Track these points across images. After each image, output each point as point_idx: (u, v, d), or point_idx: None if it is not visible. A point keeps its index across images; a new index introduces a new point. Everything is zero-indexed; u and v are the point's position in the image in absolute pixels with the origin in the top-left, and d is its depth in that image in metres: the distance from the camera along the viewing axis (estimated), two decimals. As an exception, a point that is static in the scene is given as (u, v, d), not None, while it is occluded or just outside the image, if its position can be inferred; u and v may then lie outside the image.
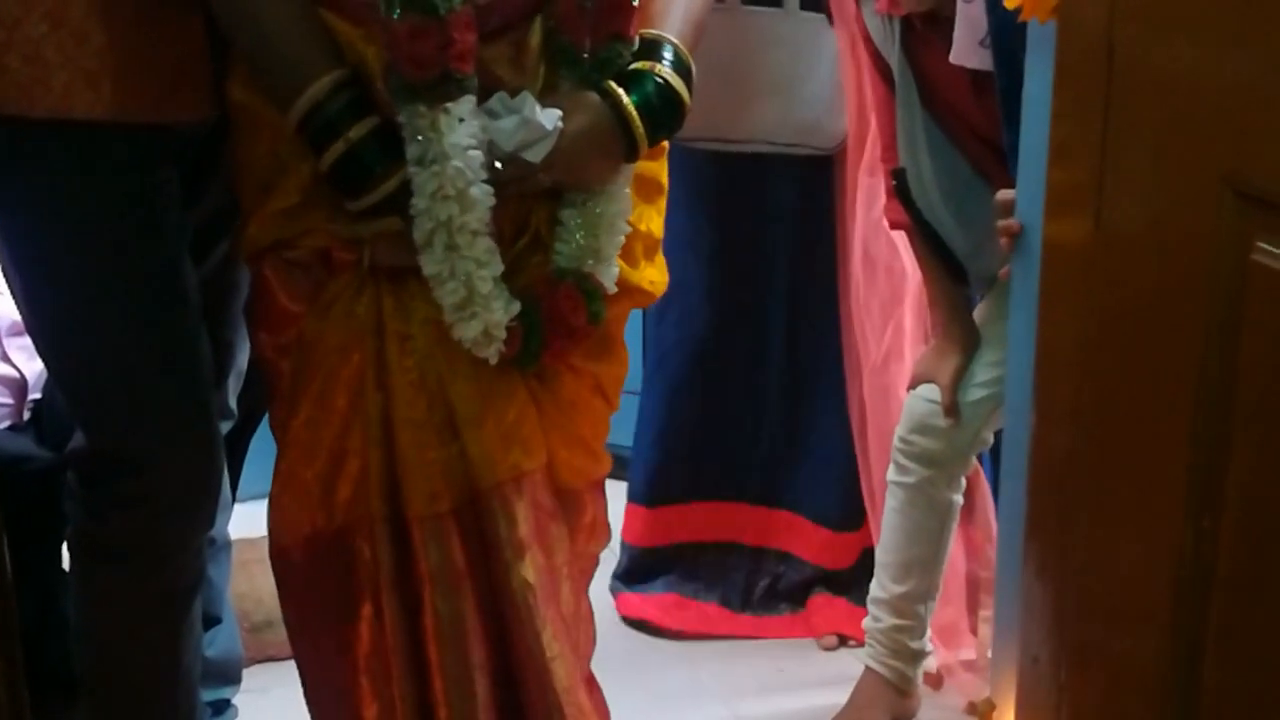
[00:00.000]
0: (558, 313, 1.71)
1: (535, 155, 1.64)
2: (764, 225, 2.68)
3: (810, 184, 2.66)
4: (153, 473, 1.75)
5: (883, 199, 2.47)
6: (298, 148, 1.65)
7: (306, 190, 1.68)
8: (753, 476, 2.79)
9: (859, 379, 2.63)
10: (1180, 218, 1.25)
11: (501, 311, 1.67)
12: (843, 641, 2.71)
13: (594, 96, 1.68)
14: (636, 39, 1.72)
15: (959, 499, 2.39)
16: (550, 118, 1.63)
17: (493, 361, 1.69)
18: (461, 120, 1.59)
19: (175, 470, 1.76)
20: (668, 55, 1.72)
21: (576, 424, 1.82)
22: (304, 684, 1.85)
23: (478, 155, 1.61)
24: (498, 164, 1.63)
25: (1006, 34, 1.98)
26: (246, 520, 2.20)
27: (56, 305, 1.71)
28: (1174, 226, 1.27)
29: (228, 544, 2.14)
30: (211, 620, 2.09)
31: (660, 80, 1.70)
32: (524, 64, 1.70)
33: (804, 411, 2.74)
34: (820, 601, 2.75)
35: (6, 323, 2.19)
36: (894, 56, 2.26)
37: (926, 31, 2.19)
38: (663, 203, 1.87)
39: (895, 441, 2.37)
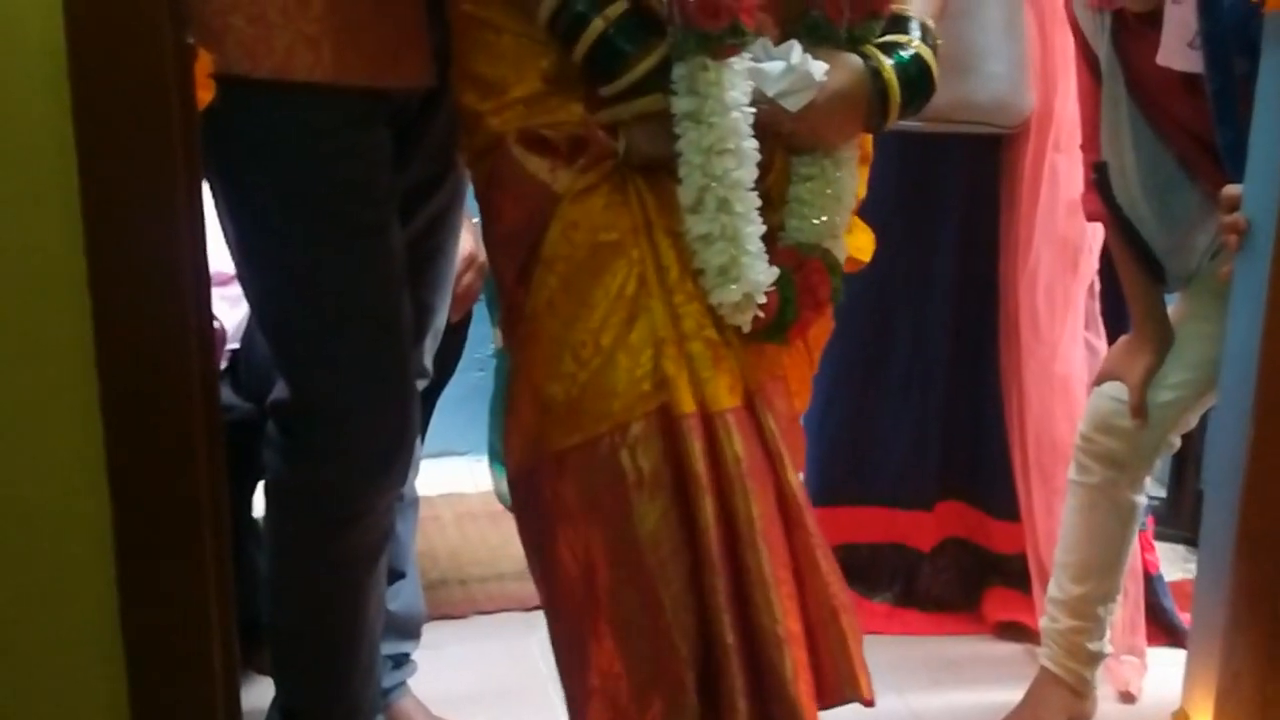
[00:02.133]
0: (808, 285, 1.71)
1: (795, 104, 1.64)
2: (931, 209, 2.62)
3: (979, 165, 2.59)
4: (350, 426, 1.79)
5: (1069, 176, 2.41)
6: (535, 46, 1.66)
7: (550, 79, 1.67)
8: (918, 478, 2.74)
9: (1017, 363, 2.56)
10: None
11: (764, 274, 1.66)
12: (1017, 633, 2.67)
13: (856, 58, 1.70)
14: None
15: (1143, 500, 2.32)
16: (819, 69, 1.64)
17: (746, 329, 1.68)
18: (742, 73, 1.61)
19: (372, 425, 1.79)
20: (916, 31, 1.75)
21: (778, 362, 1.80)
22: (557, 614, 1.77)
23: (751, 112, 1.62)
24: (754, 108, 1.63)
25: (1218, 35, 1.92)
26: (424, 477, 2.24)
27: (269, 258, 1.75)
28: None
29: (415, 501, 2.18)
30: (396, 575, 2.12)
31: (915, 52, 1.73)
32: (769, 26, 1.69)
33: (968, 402, 2.69)
34: (993, 594, 2.71)
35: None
36: (1103, 49, 2.19)
37: (1139, 27, 2.13)
38: (867, 170, 1.86)
39: (1077, 439, 2.31)
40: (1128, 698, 2.49)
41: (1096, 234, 2.50)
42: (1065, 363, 2.52)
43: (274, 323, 1.82)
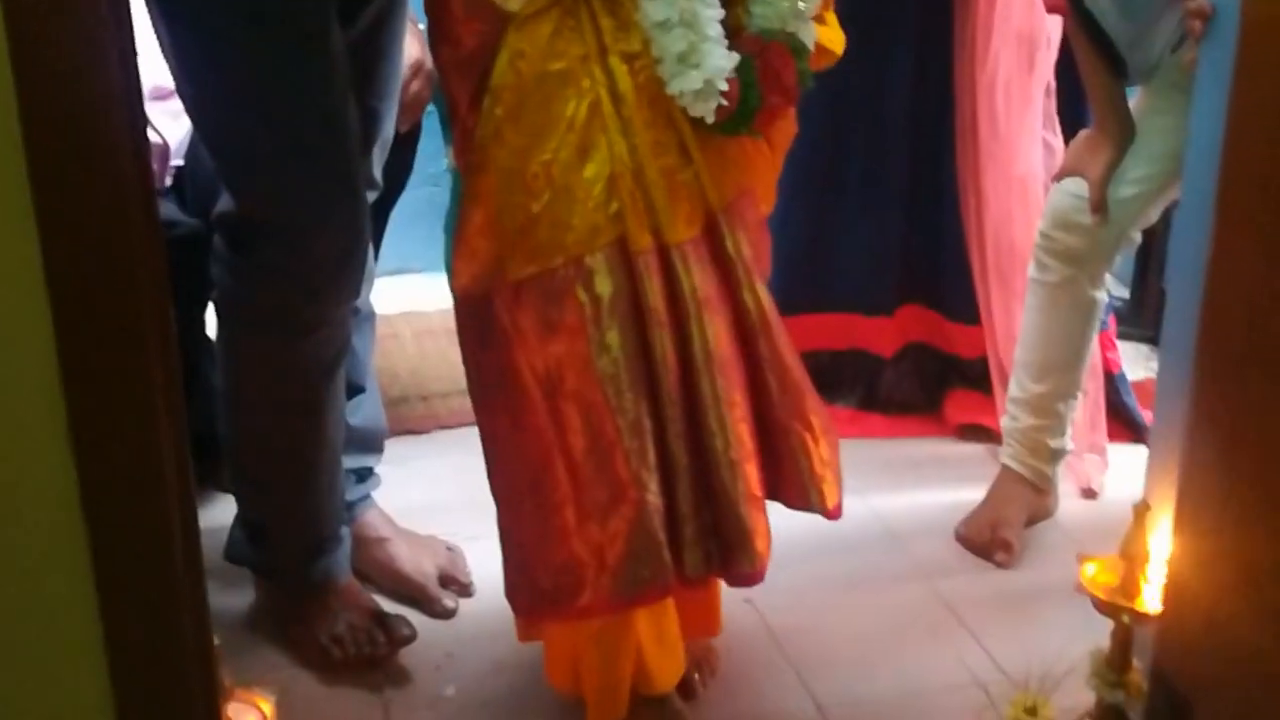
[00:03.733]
0: (771, 69, 1.67)
1: None
2: (885, 9, 2.55)
3: None
4: (299, 241, 1.76)
5: None
6: None
7: None
8: (878, 284, 2.73)
9: (975, 165, 2.53)
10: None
11: (725, 59, 1.63)
12: (978, 434, 2.70)
13: None
14: None
15: (1103, 296, 2.32)
16: None
17: (710, 119, 1.65)
18: None
19: (322, 239, 1.77)
20: None
21: (747, 173, 1.79)
22: (495, 439, 1.78)
23: None
24: None
25: None
26: (381, 296, 2.22)
27: (206, 67, 1.71)
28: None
29: (371, 314, 2.16)
30: (355, 389, 2.12)
31: None
32: None
33: (927, 206, 2.67)
34: (954, 397, 2.73)
35: (148, 87, 2.18)
36: None
37: None
38: None
39: (1037, 237, 2.30)
40: (1089, 494, 2.53)
41: (1054, 29, 2.45)
42: (1024, 163, 2.50)
43: (214, 133, 1.78)
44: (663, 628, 1.83)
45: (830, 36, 1.80)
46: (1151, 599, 1.80)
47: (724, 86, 1.63)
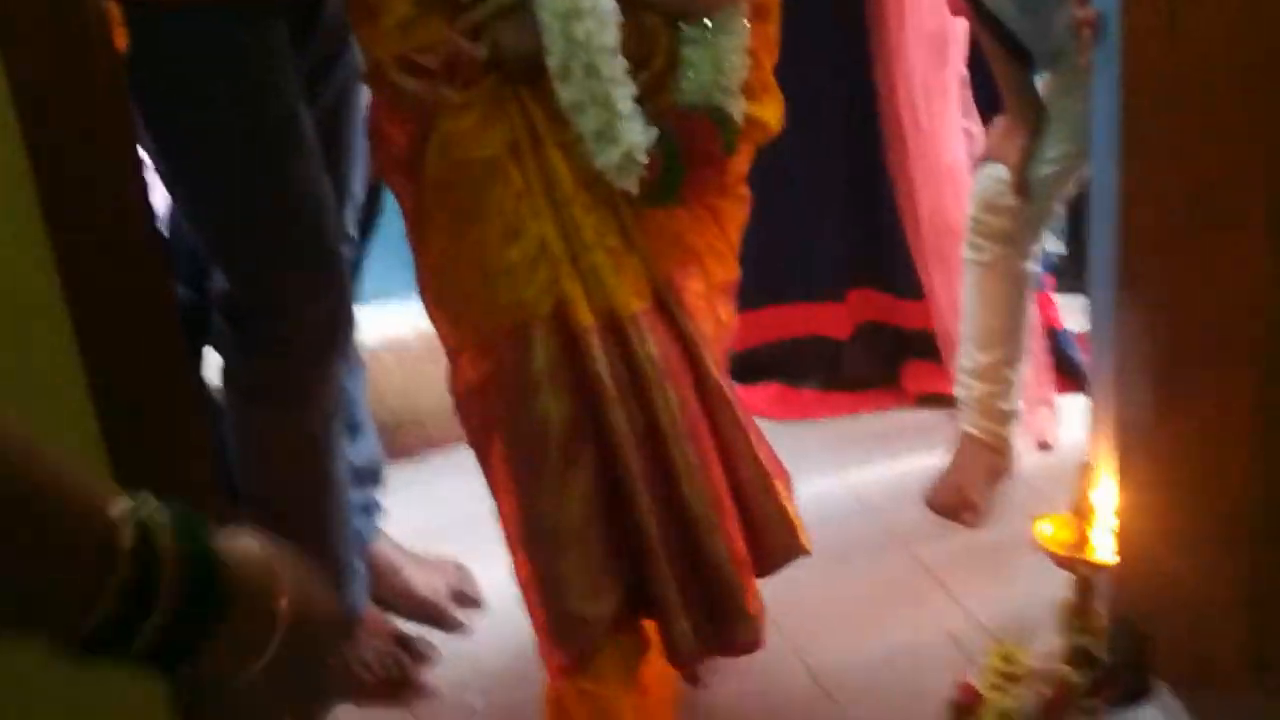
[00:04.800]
0: (694, 140, 1.71)
1: None
2: (807, 26, 2.61)
3: None
4: (293, 314, 1.89)
5: None
6: None
7: (418, 2, 1.68)
8: (828, 273, 2.87)
9: (904, 156, 2.67)
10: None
11: (641, 134, 1.67)
12: (937, 401, 2.84)
13: None
14: None
15: (1035, 267, 2.48)
16: None
17: (634, 190, 1.69)
18: None
19: (314, 309, 1.90)
20: None
21: (690, 247, 1.82)
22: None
23: None
24: None
25: None
26: (361, 323, 2.32)
27: (187, 163, 1.82)
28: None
29: (361, 358, 2.28)
30: (353, 429, 2.24)
31: None
32: None
33: (866, 198, 2.80)
34: (911, 368, 2.88)
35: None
36: None
37: None
38: (775, 30, 1.86)
39: (968, 221, 2.45)
40: (1045, 446, 2.69)
41: (962, 26, 2.60)
42: (948, 151, 2.65)
43: (199, 223, 1.90)
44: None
45: (764, 112, 1.86)
46: (1104, 551, 1.95)
47: (643, 159, 1.68)
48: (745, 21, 1.78)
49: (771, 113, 1.87)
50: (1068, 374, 2.81)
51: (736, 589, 1.80)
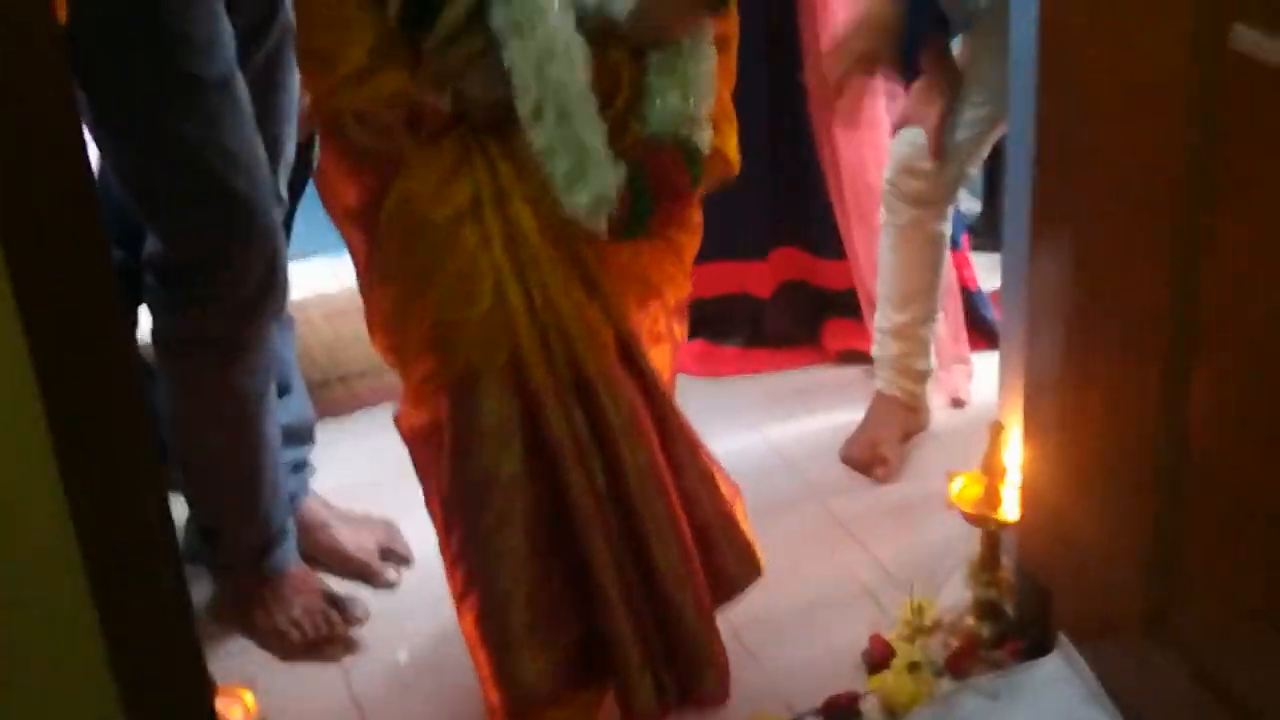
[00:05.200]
0: (662, 175, 1.69)
1: (620, 9, 1.60)
2: None
3: None
4: (225, 272, 1.92)
5: None
6: (364, 16, 1.63)
7: (376, 51, 1.64)
8: (752, 232, 2.89)
9: (827, 121, 2.70)
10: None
11: (612, 175, 1.65)
12: (855, 358, 2.88)
13: None
14: None
15: (948, 228, 2.54)
16: None
17: (601, 231, 1.67)
18: None
19: (245, 269, 1.93)
20: None
21: (652, 283, 1.81)
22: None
23: (572, 15, 1.58)
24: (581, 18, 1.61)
25: None
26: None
27: (123, 126, 1.85)
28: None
29: (291, 319, 2.30)
30: (283, 388, 2.27)
31: None
32: None
33: (789, 160, 2.82)
34: (831, 326, 2.93)
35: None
36: None
37: None
38: (732, 61, 1.85)
39: (884, 185, 2.50)
40: (958, 404, 2.76)
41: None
42: (869, 115, 2.68)
43: (135, 185, 1.92)
44: None
45: (727, 145, 1.84)
46: (1010, 508, 2.03)
47: (614, 201, 1.65)
48: (713, 48, 1.75)
49: (731, 146, 1.85)
50: (982, 332, 2.87)
51: (704, 639, 1.84)
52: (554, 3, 1.57)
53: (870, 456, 2.58)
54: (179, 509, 2.23)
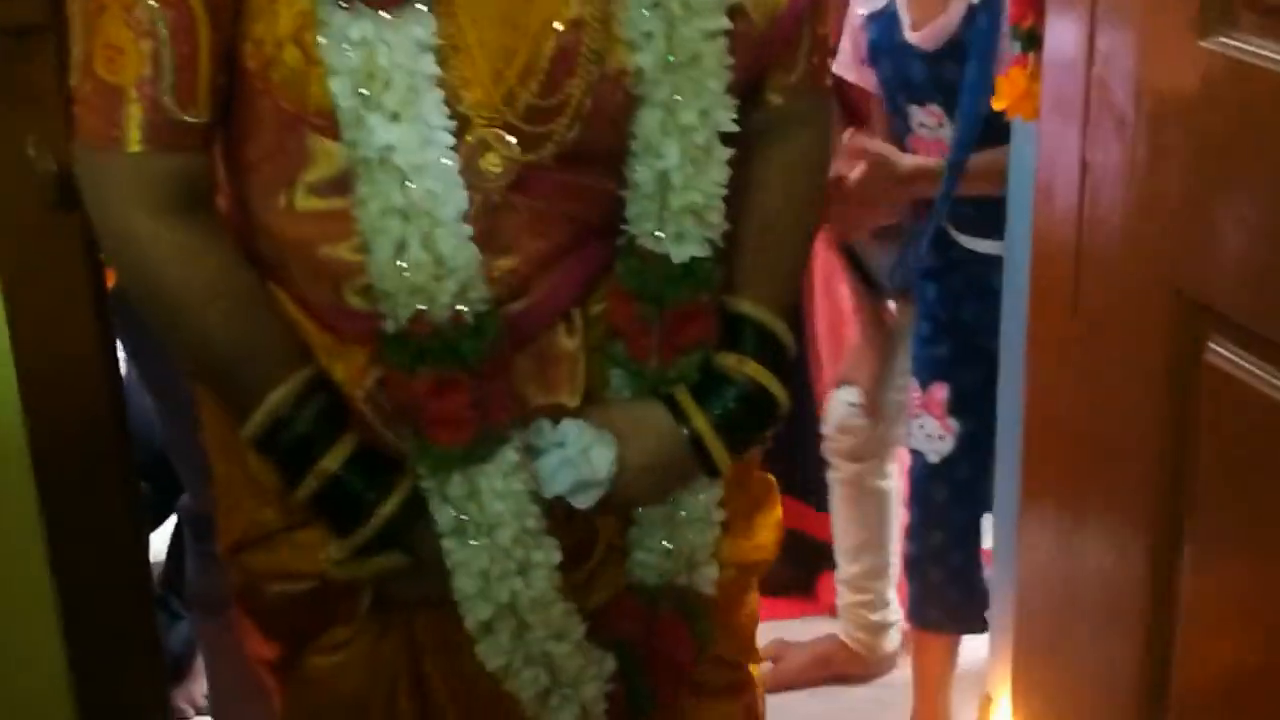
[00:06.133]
0: (661, 654, 1.37)
1: (586, 500, 1.30)
2: None
3: None
4: None
5: None
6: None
7: (287, 513, 1.32)
8: None
9: (821, 379, 2.81)
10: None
11: (598, 681, 1.33)
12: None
13: (660, 413, 1.32)
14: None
15: (890, 484, 2.62)
16: (603, 461, 1.28)
17: None
18: (505, 475, 1.25)
19: None
20: (751, 341, 1.36)
21: None
22: None
23: (535, 509, 1.28)
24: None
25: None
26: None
27: (161, 388, 2.04)
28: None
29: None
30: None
31: (744, 382, 1.35)
32: (551, 378, 1.32)
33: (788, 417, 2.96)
34: (826, 578, 2.98)
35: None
36: None
37: None
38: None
39: (825, 440, 2.62)
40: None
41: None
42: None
43: (171, 442, 2.11)
44: None
45: (763, 540, 1.51)
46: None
47: (603, 708, 1.35)
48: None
49: (767, 538, 1.52)
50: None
51: None
52: (513, 512, 1.27)
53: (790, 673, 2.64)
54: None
